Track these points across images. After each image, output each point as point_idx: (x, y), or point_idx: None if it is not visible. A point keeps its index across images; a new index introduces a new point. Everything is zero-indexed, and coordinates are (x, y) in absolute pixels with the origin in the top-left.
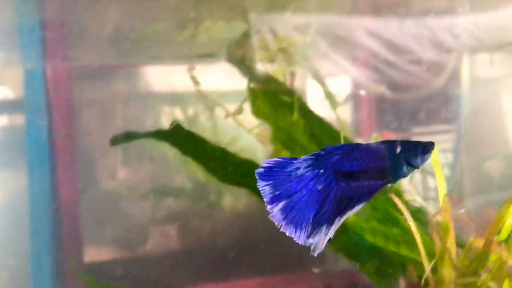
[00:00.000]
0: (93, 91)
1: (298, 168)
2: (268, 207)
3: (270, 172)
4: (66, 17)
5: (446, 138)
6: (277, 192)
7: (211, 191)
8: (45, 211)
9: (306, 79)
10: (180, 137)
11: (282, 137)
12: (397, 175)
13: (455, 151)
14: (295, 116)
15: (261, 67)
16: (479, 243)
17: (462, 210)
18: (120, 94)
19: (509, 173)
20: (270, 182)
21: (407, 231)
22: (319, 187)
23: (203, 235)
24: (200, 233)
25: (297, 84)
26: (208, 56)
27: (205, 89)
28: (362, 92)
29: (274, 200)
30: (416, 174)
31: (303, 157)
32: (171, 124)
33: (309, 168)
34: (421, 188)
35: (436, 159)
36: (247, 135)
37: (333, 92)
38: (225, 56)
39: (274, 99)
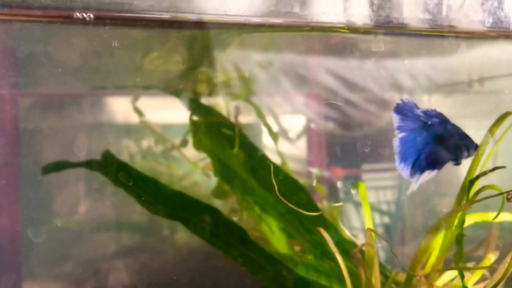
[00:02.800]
0: (46, 121)
1: (417, 116)
2: (395, 132)
3: (403, 109)
4: (16, 43)
5: (393, 175)
6: (402, 124)
7: (164, 226)
8: None
9: (260, 114)
10: (112, 167)
11: (221, 170)
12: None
13: (400, 188)
14: (236, 149)
15: (205, 100)
16: (401, 277)
17: (379, 245)
18: (74, 125)
19: None
20: (400, 115)
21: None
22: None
23: (155, 271)
24: (152, 268)
25: (250, 119)
26: (151, 87)
27: (154, 121)
28: (313, 128)
29: (398, 128)
30: (362, 211)
31: (422, 110)
32: (103, 154)
33: (421, 121)
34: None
35: (364, 194)
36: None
37: (284, 127)
38: (168, 87)
39: (215, 132)
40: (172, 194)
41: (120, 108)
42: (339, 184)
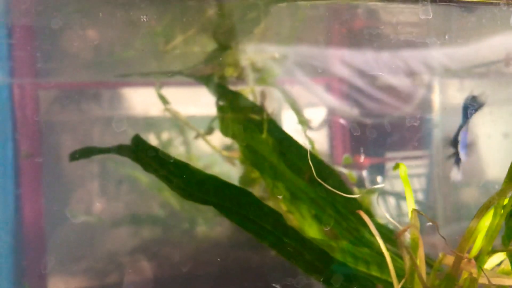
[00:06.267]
0: (67, 114)
1: None
2: None
3: None
4: (37, 34)
5: (420, 163)
6: None
7: (184, 219)
8: (6, 234)
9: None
10: (143, 153)
11: (250, 156)
12: None
13: (429, 176)
14: (264, 134)
15: (231, 86)
16: (449, 260)
17: (428, 224)
18: (94, 118)
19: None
20: None
21: (378, 252)
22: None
23: (176, 264)
24: (172, 262)
25: (274, 106)
26: (176, 73)
27: (176, 110)
28: (336, 118)
29: None
30: (390, 199)
31: None
32: (133, 139)
33: None
34: (396, 213)
35: (405, 176)
36: (223, 161)
37: (306, 116)
38: (194, 73)
39: (243, 118)
40: (205, 178)
41: (144, 99)
42: (364, 173)
